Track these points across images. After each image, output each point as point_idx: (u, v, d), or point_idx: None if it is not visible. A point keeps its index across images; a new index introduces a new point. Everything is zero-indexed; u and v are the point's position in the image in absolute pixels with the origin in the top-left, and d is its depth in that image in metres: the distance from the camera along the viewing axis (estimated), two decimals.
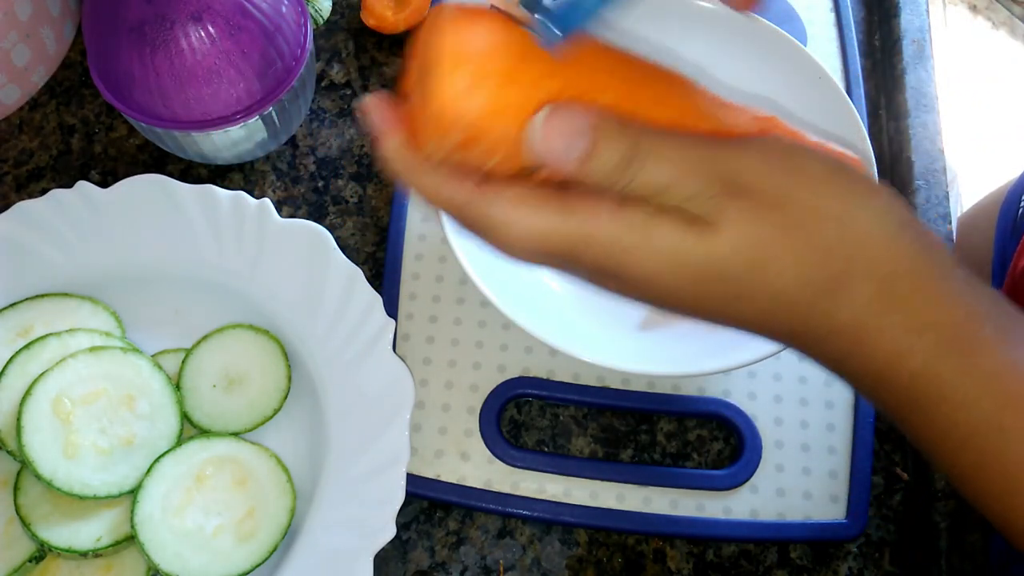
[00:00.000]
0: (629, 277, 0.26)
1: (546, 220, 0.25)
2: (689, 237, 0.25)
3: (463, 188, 0.26)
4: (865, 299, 0.26)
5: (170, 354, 0.46)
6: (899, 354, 0.26)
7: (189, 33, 0.44)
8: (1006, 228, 0.64)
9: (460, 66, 0.24)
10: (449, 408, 0.47)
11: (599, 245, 0.25)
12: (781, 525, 0.44)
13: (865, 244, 0.25)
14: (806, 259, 0.25)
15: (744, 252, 0.25)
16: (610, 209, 0.25)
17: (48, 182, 0.53)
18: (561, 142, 0.25)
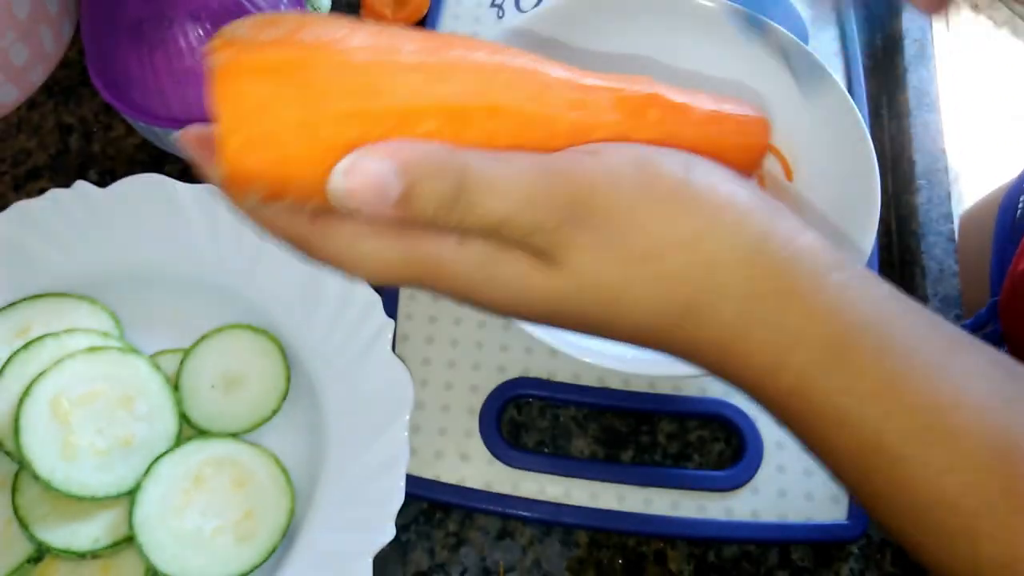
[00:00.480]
0: (486, 306, 0.25)
1: (391, 253, 0.24)
2: (535, 276, 0.24)
3: (297, 222, 0.24)
4: (726, 320, 0.24)
5: (168, 354, 0.46)
6: (770, 372, 0.25)
7: (188, 32, 0.44)
8: (1004, 230, 0.64)
9: (239, 122, 0.21)
10: (449, 409, 0.46)
11: (450, 278, 0.24)
12: (782, 526, 0.44)
13: (715, 269, 0.24)
14: (655, 291, 0.24)
15: (589, 292, 0.24)
16: (452, 245, 0.24)
17: (46, 182, 0.53)
18: (370, 192, 0.22)
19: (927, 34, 0.59)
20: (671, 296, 0.24)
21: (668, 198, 0.24)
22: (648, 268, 0.24)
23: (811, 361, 0.24)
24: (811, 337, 0.24)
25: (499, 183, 0.23)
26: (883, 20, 0.39)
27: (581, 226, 0.24)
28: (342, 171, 0.22)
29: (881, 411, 0.24)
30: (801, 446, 0.26)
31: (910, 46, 0.58)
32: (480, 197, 0.23)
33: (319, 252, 0.24)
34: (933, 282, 0.51)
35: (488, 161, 0.23)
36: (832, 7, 0.40)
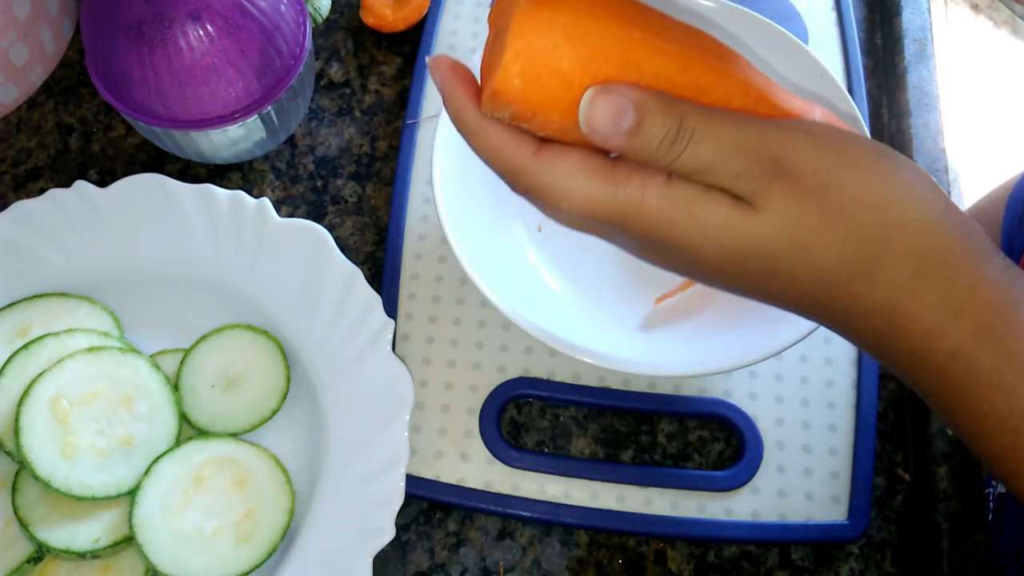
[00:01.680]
0: (675, 249, 0.27)
1: (599, 190, 0.26)
2: (733, 216, 0.26)
3: (521, 153, 0.27)
4: (900, 281, 0.26)
5: (168, 354, 0.46)
6: (935, 335, 0.27)
7: (188, 32, 0.44)
8: (1013, 221, 0.64)
9: (523, 53, 0.26)
10: (449, 409, 0.46)
11: (648, 217, 0.26)
12: (782, 526, 0.44)
13: (902, 230, 0.26)
14: (844, 243, 0.26)
15: (784, 233, 0.26)
16: (659, 183, 0.26)
17: (46, 182, 0.53)
18: (607, 119, 0.25)
19: (927, 34, 0.59)
20: (857, 249, 0.26)
21: (866, 166, 0.27)
22: (841, 220, 0.26)
23: (976, 326, 0.26)
24: (976, 307, 0.26)
25: (714, 130, 0.26)
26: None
27: (783, 178, 0.26)
28: (590, 96, 0.26)
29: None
30: (943, 418, 0.29)
31: (910, 46, 0.58)
32: (698, 139, 0.26)
33: (533, 178, 0.27)
34: None
35: (709, 111, 0.26)
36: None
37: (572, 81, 0.26)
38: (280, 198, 0.53)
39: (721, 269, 0.27)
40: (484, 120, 0.27)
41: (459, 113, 0.27)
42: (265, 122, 0.49)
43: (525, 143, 0.27)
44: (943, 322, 0.26)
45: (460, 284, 0.49)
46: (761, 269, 0.27)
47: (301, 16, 0.48)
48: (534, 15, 0.26)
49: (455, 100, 0.27)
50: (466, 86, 0.27)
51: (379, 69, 0.57)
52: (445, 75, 0.27)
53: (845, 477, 0.45)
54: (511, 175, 0.28)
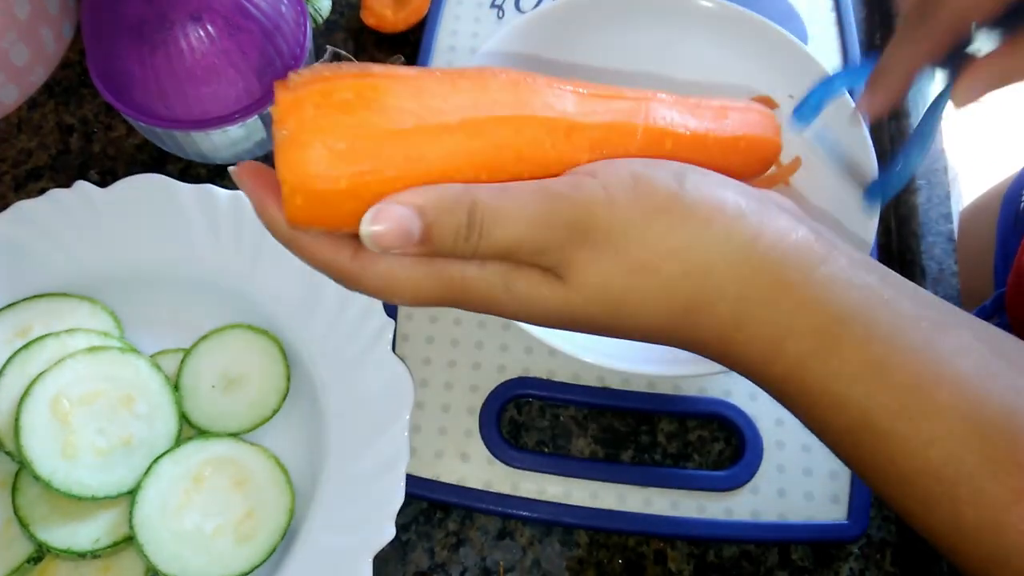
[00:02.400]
0: (511, 317, 0.28)
1: (423, 276, 0.26)
2: (544, 289, 0.27)
3: (340, 260, 0.27)
4: (722, 318, 0.27)
5: (169, 354, 0.46)
6: (765, 361, 0.27)
7: (188, 33, 0.44)
8: (1008, 222, 0.64)
9: (299, 182, 0.25)
10: (449, 409, 0.46)
11: (475, 294, 0.27)
12: (782, 526, 0.44)
13: (708, 273, 0.26)
14: (655, 296, 0.27)
15: (596, 300, 0.27)
16: (475, 268, 0.27)
17: (47, 182, 0.53)
18: (394, 238, 0.25)
19: None
20: (670, 300, 0.27)
21: (661, 211, 0.26)
22: (646, 277, 0.27)
23: (801, 350, 0.26)
24: (800, 328, 0.26)
25: (506, 213, 0.26)
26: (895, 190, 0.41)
27: (582, 244, 0.26)
28: (370, 219, 0.25)
29: (867, 392, 0.26)
30: (801, 423, 0.29)
31: None
32: (489, 227, 0.25)
33: (360, 282, 0.27)
34: (933, 282, 0.51)
35: (496, 194, 0.26)
36: None
37: (360, 194, 0.25)
38: None
39: (560, 326, 0.28)
40: (296, 232, 0.26)
41: (272, 227, 0.27)
42: (265, 122, 0.49)
43: (341, 249, 0.27)
44: (772, 349, 0.27)
45: None
46: (589, 328, 0.28)
47: (301, 16, 0.48)
48: (296, 146, 0.24)
49: (265, 214, 0.26)
50: (275, 194, 0.26)
51: None
52: (251, 187, 0.27)
53: (845, 477, 0.45)
54: (338, 279, 0.27)
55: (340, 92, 0.25)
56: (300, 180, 0.25)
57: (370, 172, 0.25)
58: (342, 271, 0.27)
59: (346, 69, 0.26)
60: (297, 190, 0.25)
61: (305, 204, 0.25)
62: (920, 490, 0.26)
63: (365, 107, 0.25)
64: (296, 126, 0.24)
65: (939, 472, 0.25)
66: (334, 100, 0.25)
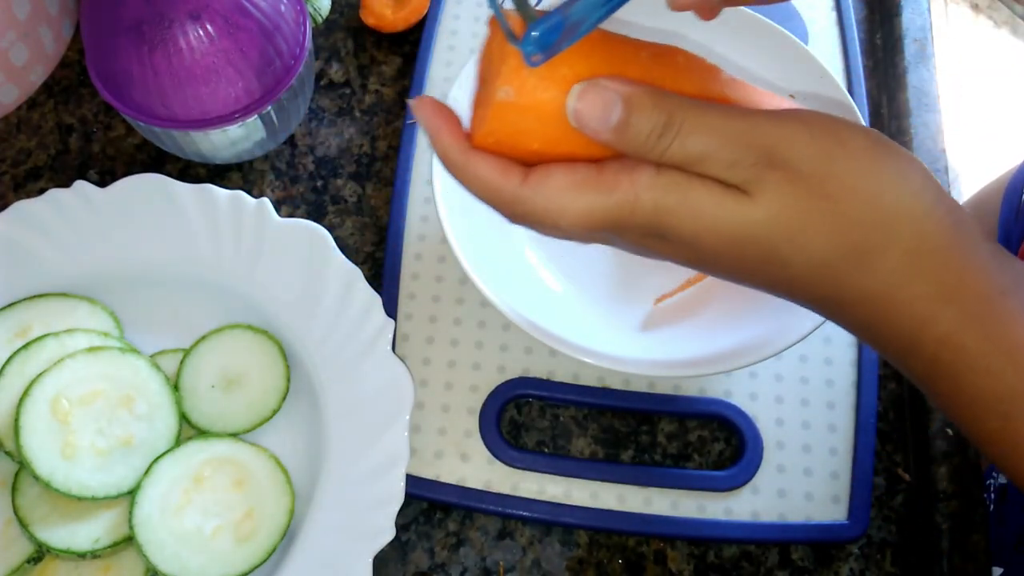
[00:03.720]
0: (673, 238, 0.27)
1: (591, 200, 0.27)
2: (727, 202, 0.26)
3: (510, 183, 0.27)
4: (891, 269, 0.27)
5: (168, 354, 0.46)
6: (924, 322, 0.27)
7: (188, 32, 0.44)
8: (1010, 214, 0.64)
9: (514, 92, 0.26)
10: (449, 409, 0.46)
11: (643, 212, 0.27)
12: (782, 526, 0.44)
13: (894, 219, 0.27)
14: (837, 231, 0.26)
15: (778, 221, 0.26)
16: (648, 175, 0.27)
17: (46, 182, 0.53)
18: (595, 114, 0.26)
19: (927, 34, 0.58)
20: (850, 237, 0.27)
21: (861, 155, 0.27)
22: (834, 209, 0.26)
23: (965, 314, 0.27)
24: (966, 293, 0.27)
25: (706, 120, 0.26)
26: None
27: (777, 167, 0.26)
28: (577, 92, 0.26)
29: (1022, 363, 0.26)
30: (935, 401, 0.29)
31: (910, 46, 0.58)
32: (687, 130, 0.26)
33: (526, 206, 0.27)
34: None
35: (699, 104, 0.26)
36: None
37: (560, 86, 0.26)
38: (280, 198, 0.53)
39: (718, 255, 0.28)
40: (471, 156, 0.27)
41: (446, 151, 0.28)
42: (265, 122, 0.49)
43: (512, 173, 0.27)
44: (933, 310, 0.27)
45: (460, 284, 0.49)
46: (756, 255, 0.27)
47: (301, 16, 0.48)
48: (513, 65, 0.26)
49: (441, 139, 0.27)
50: (451, 125, 0.28)
51: (379, 69, 0.57)
52: (429, 116, 0.28)
53: (845, 477, 0.45)
54: (505, 206, 0.28)
55: None
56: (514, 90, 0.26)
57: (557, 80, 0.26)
58: (511, 196, 0.27)
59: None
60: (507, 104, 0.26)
61: (510, 116, 0.26)
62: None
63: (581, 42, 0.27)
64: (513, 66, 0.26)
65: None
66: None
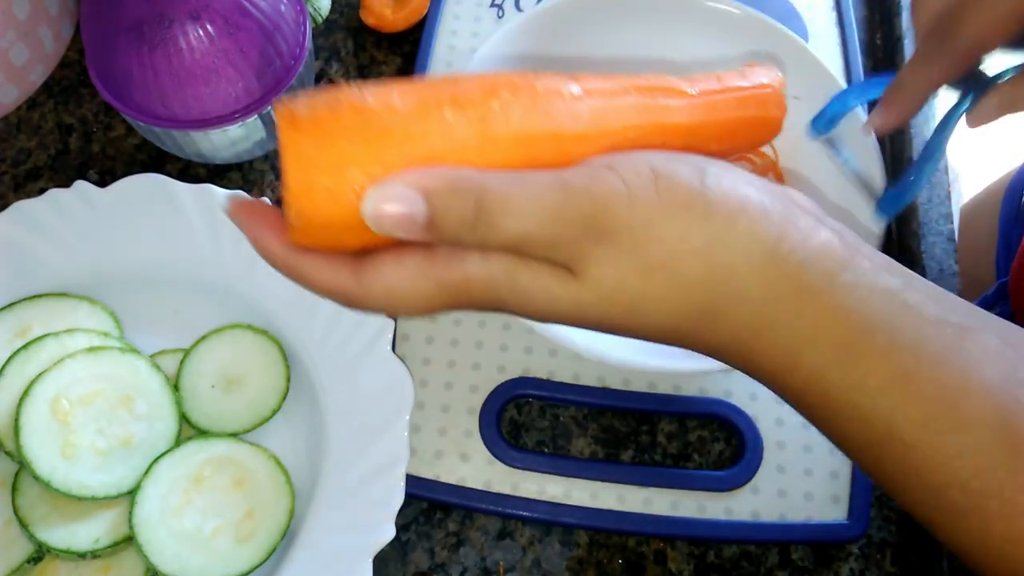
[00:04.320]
0: (515, 312, 0.27)
1: (425, 290, 0.26)
2: (554, 287, 0.25)
3: (339, 280, 0.26)
4: (742, 322, 0.26)
5: (168, 354, 0.46)
6: (785, 369, 0.26)
7: (188, 32, 0.44)
8: (1010, 214, 0.65)
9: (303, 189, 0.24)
10: (449, 409, 0.46)
11: (478, 290, 0.26)
12: (782, 526, 0.44)
13: (730, 275, 0.25)
14: (674, 297, 0.25)
15: (612, 301, 0.25)
16: (476, 262, 0.25)
17: (46, 182, 0.53)
18: (397, 220, 0.24)
19: None
20: (689, 302, 0.26)
21: (683, 209, 0.25)
22: (666, 277, 0.25)
23: (823, 360, 0.25)
24: (822, 338, 0.25)
25: (517, 202, 0.24)
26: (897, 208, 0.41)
27: (599, 240, 0.25)
28: (374, 198, 0.24)
29: (891, 403, 0.25)
30: (821, 433, 0.28)
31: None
32: (499, 215, 0.24)
33: (363, 302, 0.26)
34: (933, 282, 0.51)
35: (506, 181, 0.24)
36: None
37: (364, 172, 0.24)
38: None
39: (568, 323, 0.27)
40: (297, 260, 0.26)
41: (271, 257, 0.26)
42: (265, 122, 0.49)
43: (341, 269, 0.26)
44: (792, 358, 0.26)
45: None
46: (603, 327, 0.27)
47: (301, 16, 0.48)
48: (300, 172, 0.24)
49: (263, 244, 0.26)
50: (271, 226, 0.26)
51: (379, 69, 0.57)
52: (245, 220, 0.26)
53: (845, 477, 0.45)
54: (343, 301, 0.27)
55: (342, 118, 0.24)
56: (303, 201, 0.24)
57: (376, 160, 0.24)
58: (345, 292, 0.26)
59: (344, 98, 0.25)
60: (302, 210, 0.24)
61: (309, 222, 0.25)
62: (947, 503, 0.25)
63: (366, 130, 0.25)
64: (296, 157, 0.24)
65: (967, 485, 0.24)
66: (337, 127, 0.24)
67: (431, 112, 0.25)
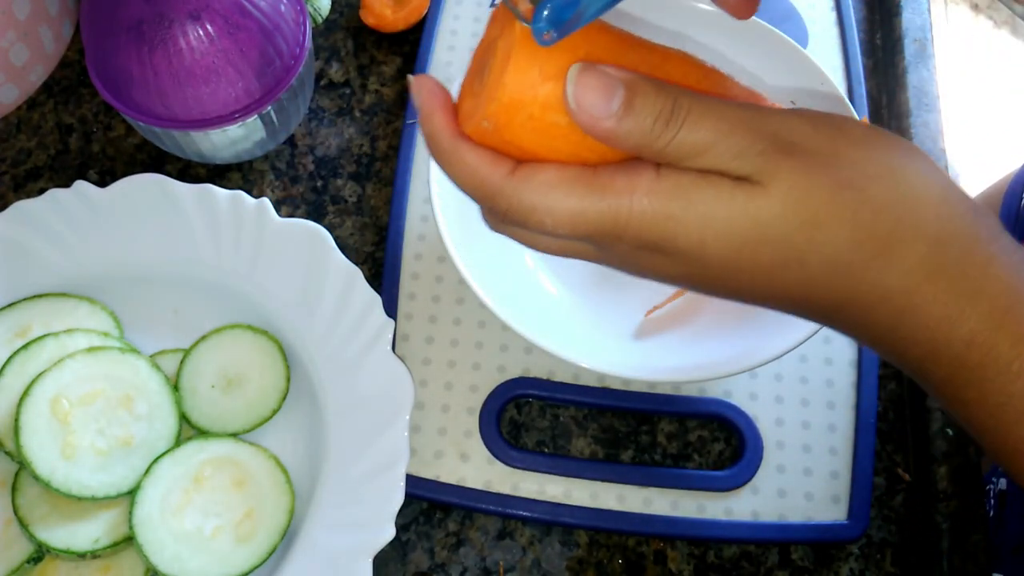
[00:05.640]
0: (674, 250, 0.25)
1: (582, 198, 0.24)
2: (738, 197, 0.24)
3: (497, 173, 0.25)
4: (915, 262, 0.25)
5: (168, 354, 0.46)
6: (951, 320, 0.25)
7: (188, 32, 0.44)
8: (1009, 217, 0.64)
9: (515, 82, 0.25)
10: (449, 409, 0.46)
11: (640, 219, 0.24)
12: (782, 526, 0.44)
13: (914, 204, 0.25)
14: (858, 219, 0.24)
15: (796, 211, 0.24)
16: (648, 178, 0.24)
17: (46, 182, 0.53)
18: (595, 96, 0.24)
19: (927, 34, 0.59)
20: (870, 228, 0.24)
21: (864, 140, 0.25)
22: (853, 195, 0.24)
23: (995, 310, 0.24)
24: (992, 288, 0.25)
25: (712, 108, 0.24)
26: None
27: (787, 153, 0.24)
28: (576, 74, 0.24)
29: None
30: (956, 412, 0.27)
31: (910, 46, 0.58)
32: (694, 118, 0.24)
33: (512, 199, 0.25)
34: None
35: (703, 96, 0.25)
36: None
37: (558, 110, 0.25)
38: (280, 198, 0.53)
39: (726, 264, 0.25)
40: (460, 143, 0.26)
41: (435, 135, 0.26)
42: (265, 122, 0.49)
43: (500, 164, 0.25)
44: (960, 306, 0.24)
45: (460, 284, 0.49)
46: (770, 258, 0.25)
47: (301, 16, 0.48)
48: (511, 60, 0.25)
49: (432, 121, 0.26)
50: (445, 109, 0.26)
51: (379, 69, 0.57)
52: (425, 96, 0.26)
53: (845, 477, 0.45)
54: (488, 198, 0.26)
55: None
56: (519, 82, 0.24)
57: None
58: (496, 187, 0.25)
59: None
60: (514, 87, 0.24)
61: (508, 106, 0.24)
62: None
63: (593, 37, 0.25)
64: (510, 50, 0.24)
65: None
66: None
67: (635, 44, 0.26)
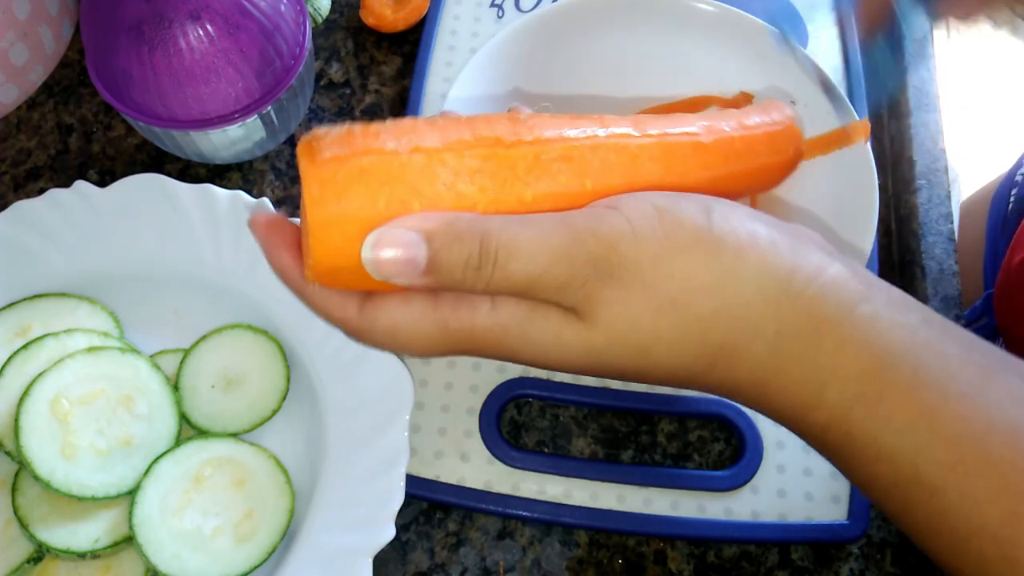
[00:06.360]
0: (525, 361, 0.26)
1: (428, 333, 0.25)
2: (566, 332, 0.25)
3: (347, 314, 0.26)
4: (759, 359, 0.25)
5: (168, 354, 0.46)
6: (806, 408, 0.25)
7: (187, 32, 0.44)
8: (996, 223, 0.64)
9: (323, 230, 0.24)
10: (449, 409, 0.46)
11: (485, 342, 0.25)
12: (782, 526, 0.44)
13: (744, 310, 0.24)
14: (688, 337, 0.25)
15: (624, 341, 0.25)
16: (485, 309, 0.25)
17: (46, 182, 0.53)
18: (397, 267, 0.24)
19: (927, 34, 0.59)
20: (703, 340, 0.25)
21: (691, 246, 0.25)
22: (677, 315, 0.24)
23: (845, 396, 0.24)
24: (844, 372, 0.24)
25: (523, 245, 0.24)
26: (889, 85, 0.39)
27: (608, 281, 0.24)
28: (371, 243, 0.24)
29: (917, 443, 0.24)
30: (843, 475, 0.27)
31: (910, 46, 0.58)
32: (505, 259, 0.24)
33: (368, 336, 0.26)
34: (933, 282, 0.51)
35: (510, 225, 0.24)
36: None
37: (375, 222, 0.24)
38: (280, 198, 0.53)
39: (578, 371, 0.26)
40: (306, 286, 0.26)
41: (282, 273, 0.26)
42: (265, 122, 0.49)
43: (347, 303, 0.26)
44: (813, 396, 0.25)
45: None
46: (615, 373, 0.26)
47: (301, 16, 0.48)
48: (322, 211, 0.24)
49: (278, 265, 0.26)
50: (289, 248, 0.26)
51: (379, 69, 0.57)
52: (265, 237, 0.26)
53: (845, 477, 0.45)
54: (348, 333, 0.27)
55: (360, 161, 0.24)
56: (319, 247, 0.24)
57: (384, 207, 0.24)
58: (350, 325, 0.26)
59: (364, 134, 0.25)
60: (322, 255, 0.24)
61: (322, 267, 0.25)
62: (974, 550, 0.24)
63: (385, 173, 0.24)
64: (320, 198, 0.24)
65: (996, 532, 0.23)
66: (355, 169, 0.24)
67: (445, 160, 0.25)
